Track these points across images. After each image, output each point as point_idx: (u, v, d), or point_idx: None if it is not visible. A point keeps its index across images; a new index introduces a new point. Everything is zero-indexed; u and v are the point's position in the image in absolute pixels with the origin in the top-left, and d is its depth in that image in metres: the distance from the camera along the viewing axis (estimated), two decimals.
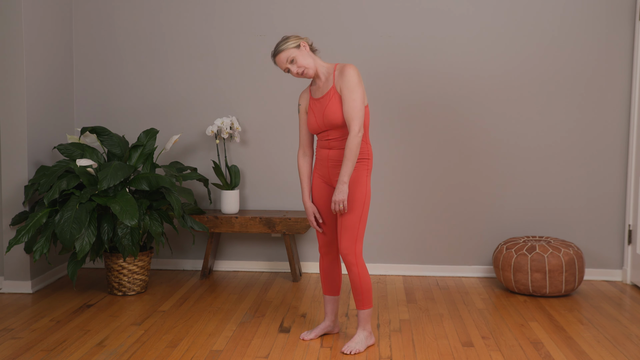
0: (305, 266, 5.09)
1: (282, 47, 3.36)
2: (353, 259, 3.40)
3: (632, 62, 4.81)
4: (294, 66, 3.37)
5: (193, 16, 5.01)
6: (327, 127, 3.39)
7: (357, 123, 3.27)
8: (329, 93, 3.37)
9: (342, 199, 3.30)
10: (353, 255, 3.39)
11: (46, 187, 4.21)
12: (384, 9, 4.90)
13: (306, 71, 3.38)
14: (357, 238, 3.38)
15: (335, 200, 3.31)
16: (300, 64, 3.37)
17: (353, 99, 3.28)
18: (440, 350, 3.49)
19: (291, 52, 3.36)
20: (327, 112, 3.36)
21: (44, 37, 4.64)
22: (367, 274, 3.44)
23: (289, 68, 3.38)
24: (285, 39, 3.38)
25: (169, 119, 5.09)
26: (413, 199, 5.00)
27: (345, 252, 3.39)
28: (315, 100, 3.44)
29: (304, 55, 3.37)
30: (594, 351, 3.49)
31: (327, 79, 3.40)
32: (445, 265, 5.03)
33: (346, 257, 3.40)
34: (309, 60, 3.37)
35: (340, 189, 3.30)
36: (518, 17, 4.85)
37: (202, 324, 3.87)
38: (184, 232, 5.16)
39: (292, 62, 3.37)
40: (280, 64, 3.39)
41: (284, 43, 3.37)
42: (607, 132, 4.88)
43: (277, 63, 3.40)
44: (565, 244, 4.51)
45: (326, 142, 3.44)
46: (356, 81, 3.29)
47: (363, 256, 5.04)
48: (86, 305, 4.22)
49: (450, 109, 4.93)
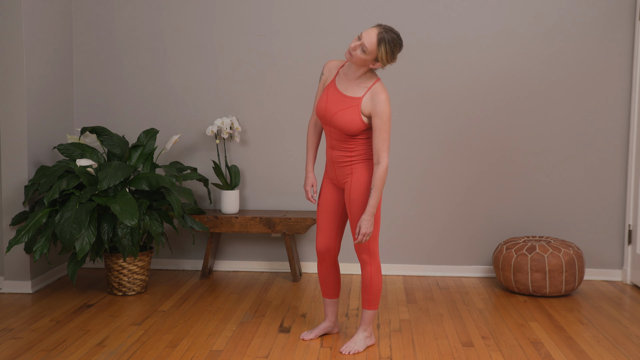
0: (305, 266, 5.09)
1: (378, 37, 3.19)
2: (367, 257, 3.39)
3: (632, 62, 4.81)
4: (360, 46, 3.20)
5: (193, 16, 5.01)
6: (329, 123, 3.37)
7: (385, 155, 3.26)
8: (354, 100, 3.29)
9: (369, 231, 3.28)
10: (367, 253, 3.38)
11: (46, 187, 4.21)
12: (384, 9, 4.90)
13: (355, 57, 3.22)
14: (372, 238, 3.38)
15: (364, 232, 3.27)
16: (364, 49, 3.19)
17: (385, 130, 3.25)
18: (440, 350, 3.49)
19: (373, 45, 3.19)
20: (338, 115, 3.30)
21: (44, 37, 4.64)
22: (380, 274, 3.43)
23: (358, 43, 3.21)
24: (393, 41, 3.21)
25: (169, 119, 5.09)
26: (413, 199, 5.00)
27: (359, 250, 3.39)
28: (337, 89, 3.35)
29: (370, 56, 3.22)
30: (594, 351, 3.49)
31: (360, 85, 3.31)
32: (445, 265, 5.03)
33: (360, 255, 3.40)
34: (366, 60, 3.23)
35: (368, 220, 3.27)
36: (518, 18, 4.85)
37: (202, 324, 3.87)
38: (184, 232, 5.16)
39: (362, 46, 3.20)
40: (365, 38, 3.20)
41: (385, 42, 3.19)
42: (607, 132, 4.88)
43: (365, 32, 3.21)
44: (565, 244, 4.51)
45: (330, 139, 3.42)
46: (389, 113, 3.25)
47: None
48: (86, 305, 4.22)
49: (450, 110, 4.93)
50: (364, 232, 3.27)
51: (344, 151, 3.38)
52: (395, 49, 3.23)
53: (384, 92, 3.25)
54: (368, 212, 3.27)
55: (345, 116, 3.29)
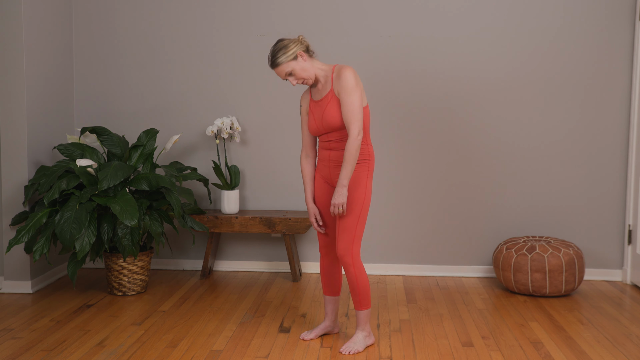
0: (305, 266, 5.09)
1: (279, 61, 3.31)
2: (350, 259, 3.39)
3: (632, 62, 4.81)
4: (293, 78, 3.36)
5: (193, 16, 5.01)
6: (326, 129, 3.39)
7: (356, 126, 3.26)
8: (328, 96, 3.36)
9: (341, 202, 3.30)
10: (350, 256, 3.39)
11: (46, 187, 4.21)
12: (384, 9, 4.90)
13: (305, 81, 3.37)
14: (354, 239, 3.38)
15: (334, 203, 3.30)
16: (299, 76, 3.35)
17: (351, 102, 3.26)
18: (440, 350, 3.49)
19: (289, 65, 3.32)
20: (325, 115, 3.35)
21: (44, 37, 4.64)
22: (365, 274, 3.44)
23: (288, 79, 3.38)
24: (282, 49, 3.31)
25: (169, 119, 5.09)
26: (413, 199, 5.00)
27: (342, 253, 3.39)
28: (315, 103, 3.43)
29: (302, 65, 3.33)
30: (594, 351, 3.49)
31: (326, 81, 3.39)
32: (445, 265, 5.03)
33: (343, 258, 3.40)
34: (307, 70, 3.34)
35: (340, 192, 3.29)
36: (518, 18, 4.85)
37: (202, 324, 3.87)
38: (184, 232, 5.16)
39: (290, 74, 3.35)
40: (279, 74, 3.37)
41: (280, 55, 3.30)
42: (607, 132, 4.88)
43: (277, 71, 3.37)
44: (565, 244, 4.51)
45: (327, 144, 3.44)
46: (353, 84, 3.26)
47: (362, 257, 5.04)
48: (86, 305, 4.22)
49: (451, 110, 4.93)
50: (335, 202, 3.29)
51: (343, 151, 3.39)
52: (279, 45, 3.32)
53: (345, 67, 3.30)
54: (340, 184, 3.28)
55: (330, 111, 3.34)
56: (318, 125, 3.41)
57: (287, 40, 3.34)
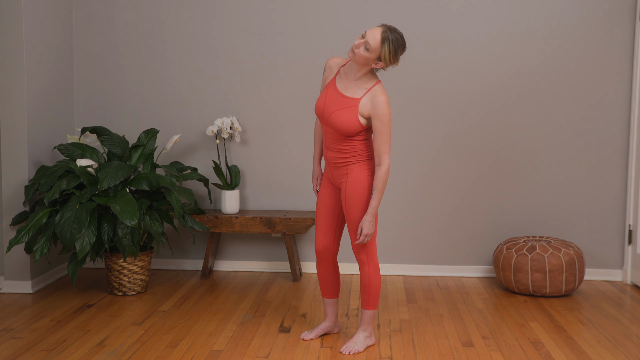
0: (305, 266, 5.09)
1: (382, 36, 3.18)
2: (365, 257, 3.39)
3: (632, 62, 4.81)
4: (363, 44, 3.20)
5: (193, 16, 5.01)
6: (326, 122, 3.36)
7: (387, 156, 3.27)
8: (351, 101, 3.29)
9: (368, 233, 3.28)
10: (365, 254, 3.38)
11: (46, 187, 4.21)
12: (384, 9, 4.90)
13: (354, 57, 3.22)
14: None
15: (365, 233, 3.28)
16: (362, 53, 3.20)
17: (385, 133, 3.25)
18: (441, 350, 3.49)
19: (376, 48, 3.19)
20: (335, 115, 3.30)
21: (44, 37, 4.64)
22: (378, 275, 3.42)
23: (361, 42, 3.21)
24: (400, 42, 3.21)
25: (169, 119, 5.09)
26: (413, 199, 5.00)
27: (357, 251, 3.38)
28: (335, 87, 3.35)
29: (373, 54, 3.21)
30: (594, 351, 3.49)
31: (360, 85, 3.30)
32: (445, 265, 5.03)
33: (358, 255, 3.39)
34: (366, 60, 3.22)
35: (368, 221, 3.28)
36: (518, 17, 4.85)
37: (202, 324, 3.87)
38: (184, 232, 5.16)
39: (366, 44, 3.19)
40: (368, 37, 3.19)
41: (392, 45, 3.19)
42: (607, 132, 4.88)
43: (370, 30, 3.22)
44: (566, 244, 4.51)
45: (326, 140, 3.41)
46: (389, 116, 3.26)
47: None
48: (86, 305, 4.22)
49: (450, 110, 4.93)
50: (366, 232, 3.27)
51: (338, 152, 3.37)
52: (399, 49, 3.24)
53: (384, 94, 3.25)
54: (369, 213, 3.27)
55: (342, 116, 3.28)
56: (322, 111, 3.35)
57: (401, 48, 3.25)
